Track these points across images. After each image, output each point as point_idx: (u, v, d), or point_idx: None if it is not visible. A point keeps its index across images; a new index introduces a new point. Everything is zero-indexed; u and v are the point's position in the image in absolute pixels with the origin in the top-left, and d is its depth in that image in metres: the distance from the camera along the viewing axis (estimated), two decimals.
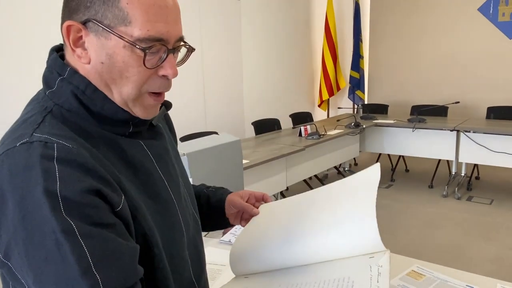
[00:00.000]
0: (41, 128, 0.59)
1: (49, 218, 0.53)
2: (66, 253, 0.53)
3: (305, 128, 3.88)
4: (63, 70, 0.64)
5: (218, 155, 1.76)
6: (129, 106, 0.66)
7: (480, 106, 5.15)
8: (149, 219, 0.66)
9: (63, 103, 0.63)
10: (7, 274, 0.59)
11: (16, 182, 0.54)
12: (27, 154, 0.56)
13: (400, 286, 1.18)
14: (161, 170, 0.73)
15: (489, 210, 3.83)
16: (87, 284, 0.53)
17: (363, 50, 6.19)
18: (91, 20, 0.60)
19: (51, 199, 0.53)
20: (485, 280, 1.21)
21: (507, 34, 5.20)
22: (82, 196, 0.55)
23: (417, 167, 5.23)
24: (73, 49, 0.63)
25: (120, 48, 0.61)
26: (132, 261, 0.60)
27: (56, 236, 0.53)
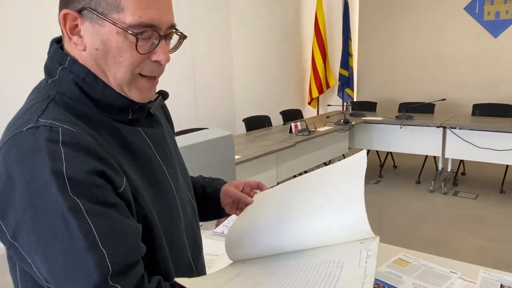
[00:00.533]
0: (45, 114, 0.62)
1: (57, 197, 0.56)
2: (74, 230, 0.56)
3: (295, 125, 3.93)
4: (63, 59, 0.67)
5: (210, 149, 1.79)
6: (124, 90, 0.68)
7: (465, 103, 5.26)
8: (149, 201, 0.69)
9: (65, 91, 0.66)
10: (14, 254, 0.62)
11: (24, 164, 0.57)
12: (33, 138, 0.58)
13: (387, 272, 1.23)
14: (159, 156, 0.76)
15: (474, 205, 3.93)
16: (93, 258, 0.56)
17: (352, 48, 6.26)
18: (86, 8, 0.62)
19: (58, 179, 0.56)
20: (468, 266, 1.27)
21: (492, 32, 5.31)
22: (87, 176, 0.58)
23: (404, 163, 5.32)
24: (69, 37, 0.65)
25: (114, 34, 0.63)
26: (135, 239, 0.63)
27: (63, 213, 0.56)
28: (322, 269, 0.74)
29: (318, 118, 5.16)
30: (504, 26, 5.22)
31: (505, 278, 1.18)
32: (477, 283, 1.16)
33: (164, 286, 0.64)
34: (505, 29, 5.22)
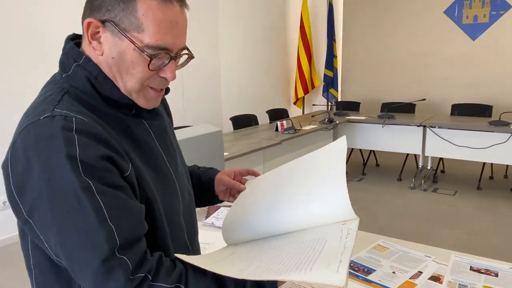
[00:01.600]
0: (60, 105, 0.69)
1: (71, 178, 0.63)
2: (86, 207, 0.63)
3: (281, 123, 4.02)
4: (78, 57, 0.74)
5: (200, 145, 1.84)
6: (132, 96, 0.76)
7: (445, 103, 5.45)
8: (152, 186, 0.76)
9: (78, 85, 0.73)
10: (29, 231, 0.69)
11: (42, 148, 0.64)
12: (50, 126, 0.65)
13: (367, 257, 1.32)
14: (160, 146, 0.83)
15: (453, 201, 4.09)
16: (103, 233, 0.63)
17: (336, 49, 6.39)
18: (109, 21, 0.69)
19: (72, 162, 0.63)
20: (441, 251, 1.37)
21: (471, 35, 5.51)
22: (97, 161, 0.65)
23: (387, 161, 5.48)
24: (90, 41, 0.72)
25: (130, 50, 0.70)
26: (140, 217, 0.70)
27: (77, 192, 0.63)
28: (307, 246, 0.83)
29: (303, 117, 5.27)
30: (481, 29, 5.42)
31: (474, 261, 1.28)
32: (449, 265, 1.26)
33: (165, 260, 0.70)
34: (483, 32, 5.42)
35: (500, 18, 5.28)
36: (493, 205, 3.93)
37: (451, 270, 1.23)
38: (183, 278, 0.68)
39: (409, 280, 1.18)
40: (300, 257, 0.77)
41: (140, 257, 0.66)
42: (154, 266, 0.67)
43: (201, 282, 0.69)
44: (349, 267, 1.25)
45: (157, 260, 0.68)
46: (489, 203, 3.97)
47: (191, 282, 0.69)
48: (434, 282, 1.17)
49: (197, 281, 0.69)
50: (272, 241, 0.92)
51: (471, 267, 1.24)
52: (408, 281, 1.18)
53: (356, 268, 1.25)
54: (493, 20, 5.33)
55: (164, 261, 0.70)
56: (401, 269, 1.24)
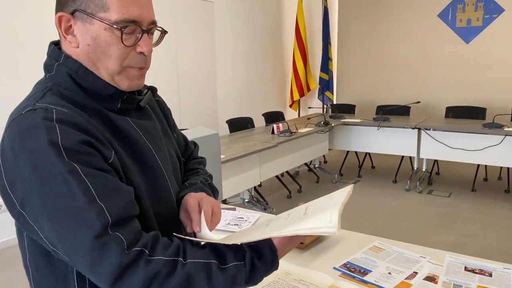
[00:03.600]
0: (42, 100, 0.71)
1: (56, 163, 0.64)
2: (74, 189, 0.64)
3: (277, 126, 4.04)
4: (59, 56, 0.76)
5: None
6: (115, 80, 0.77)
7: (439, 105, 5.49)
8: (137, 177, 0.77)
9: (60, 82, 0.75)
10: (23, 224, 0.69)
11: (25, 139, 0.66)
12: (32, 118, 0.67)
13: (363, 258, 1.34)
14: (148, 141, 0.83)
15: (447, 202, 4.12)
16: (94, 211, 0.64)
17: (331, 52, 6.43)
18: (77, 10, 0.72)
19: (55, 149, 0.65)
20: (436, 252, 1.39)
21: (464, 39, 5.57)
22: (79, 145, 0.66)
23: (382, 163, 5.51)
24: (64, 36, 0.75)
25: (102, 31, 0.73)
26: (130, 198, 0.71)
27: (64, 176, 0.64)
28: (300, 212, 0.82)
29: (299, 120, 5.29)
30: (475, 33, 5.48)
31: (469, 261, 1.30)
32: (444, 265, 1.27)
33: (161, 237, 0.70)
34: (476, 36, 5.48)
35: (493, 22, 5.34)
36: (487, 206, 3.97)
37: (446, 271, 1.24)
38: (181, 251, 0.69)
39: (405, 281, 1.19)
40: (294, 219, 0.78)
41: (135, 234, 0.67)
42: (150, 240, 0.67)
43: (199, 253, 0.70)
44: (345, 267, 1.27)
45: (153, 236, 0.69)
46: (484, 205, 4.01)
47: (189, 254, 0.69)
48: (429, 283, 1.18)
49: (194, 253, 0.69)
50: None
51: (465, 268, 1.26)
52: (404, 281, 1.19)
53: (352, 269, 1.27)
54: (486, 23, 5.39)
55: (161, 237, 0.70)
56: (397, 270, 1.26)
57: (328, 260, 1.32)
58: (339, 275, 1.23)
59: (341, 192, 0.86)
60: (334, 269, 1.27)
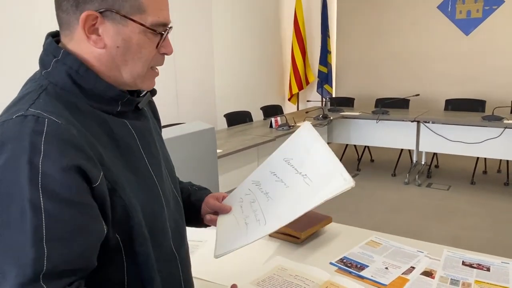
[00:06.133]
0: (36, 104, 0.65)
1: (23, 186, 0.59)
2: (26, 222, 0.58)
3: (275, 120, 4.01)
4: (57, 52, 0.71)
5: (192, 142, 1.83)
6: (137, 82, 0.75)
7: (439, 98, 5.46)
8: (129, 192, 0.72)
9: (57, 81, 0.70)
10: None
11: (5, 150, 0.60)
12: (20, 126, 0.62)
13: (360, 253, 1.32)
14: (143, 149, 0.79)
15: (446, 195, 4.11)
16: (33, 254, 0.58)
17: (330, 45, 6.38)
18: (109, 9, 0.67)
19: (31, 170, 0.59)
20: (434, 246, 1.37)
21: (464, 30, 5.52)
22: (60, 173, 0.60)
23: (381, 156, 5.49)
24: (88, 36, 0.69)
25: (136, 33, 0.70)
26: (87, 245, 0.64)
27: (23, 203, 0.58)
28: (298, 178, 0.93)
29: (297, 113, 5.26)
30: (475, 25, 5.44)
31: (466, 255, 1.29)
32: (441, 260, 1.26)
33: None
34: (476, 27, 5.43)
35: (493, 13, 5.29)
36: (486, 199, 3.96)
37: (444, 265, 1.23)
38: None
39: (402, 276, 1.18)
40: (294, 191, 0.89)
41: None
42: None
43: None
44: (342, 262, 1.25)
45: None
46: (483, 198, 4.00)
47: None
48: (426, 277, 1.17)
49: None
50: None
51: (463, 262, 1.24)
52: (401, 276, 1.18)
53: (349, 264, 1.25)
54: (486, 15, 5.34)
55: None
56: (394, 265, 1.24)
57: (325, 255, 1.31)
58: (336, 270, 1.22)
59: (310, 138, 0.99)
60: (330, 264, 1.26)
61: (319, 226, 1.45)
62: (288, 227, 1.38)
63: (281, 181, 0.95)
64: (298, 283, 1.13)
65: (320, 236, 1.45)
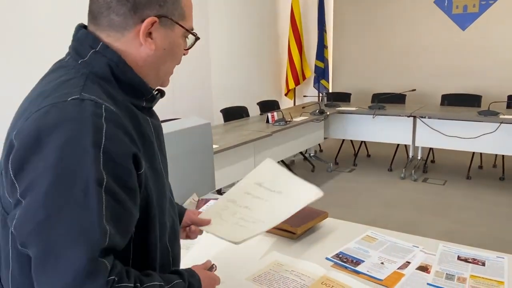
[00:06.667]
0: (85, 89, 0.67)
1: (89, 167, 0.61)
2: (92, 202, 0.61)
3: (272, 115, 4.00)
4: (95, 44, 0.73)
5: (188, 138, 1.81)
6: (165, 80, 0.84)
7: (435, 93, 5.46)
8: (151, 185, 0.76)
9: (97, 71, 0.72)
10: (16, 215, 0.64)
11: (65, 129, 0.61)
12: (79, 109, 0.63)
13: (356, 248, 1.32)
14: (157, 145, 0.83)
15: (442, 190, 4.13)
16: (100, 232, 0.61)
17: (327, 40, 6.37)
18: (164, 15, 0.75)
19: (95, 152, 0.61)
20: (429, 241, 1.38)
21: (460, 25, 5.52)
22: (120, 158, 0.64)
23: (377, 152, 5.50)
24: (143, 39, 0.74)
25: (178, 38, 0.79)
26: (131, 228, 0.70)
27: (87, 184, 0.61)
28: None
29: (294, 108, 5.26)
30: (471, 19, 5.44)
31: (462, 250, 1.29)
32: (437, 255, 1.27)
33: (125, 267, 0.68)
34: (473, 22, 5.43)
35: (490, 8, 5.29)
36: (482, 194, 3.98)
37: (439, 260, 1.23)
38: (137, 278, 0.68)
39: (397, 271, 1.18)
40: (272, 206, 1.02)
41: (115, 263, 0.65)
42: (120, 269, 0.66)
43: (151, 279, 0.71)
44: (338, 257, 1.25)
45: (122, 265, 0.68)
46: (478, 192, 4.02)
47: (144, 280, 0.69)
48: (422, 272, 1.17)
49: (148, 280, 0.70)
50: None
51: (458, 257, 1.25)
52: (396, 271, 1.18)
53: (344, 259, 1.25)
54: (483, 10, 5.34)
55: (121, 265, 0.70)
56: (389, 260, 1.24)
57: (321, 251, 1.31)
58: (331, 265, 1.22)
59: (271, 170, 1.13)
60: (326, 259, 1.25)
61: (315, 222, 1.45)
62: (284, 222, 1.39)
63: (258, 198, 1.05)
64: (294, 278, 1.13)
65: (316, 232, 1.45)
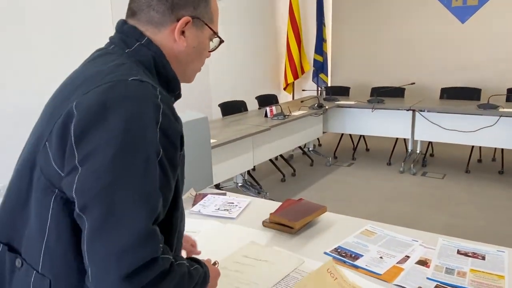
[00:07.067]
0: (140, 73, 0.74)
1: (150, 140, 0.67)
2: (151, 171, 0.67)
3: (270, 109, 3.98)
4: (141, 37, 0.81)
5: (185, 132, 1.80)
6: (192, 77, 0.92)
7: (434, 87, 5.43)
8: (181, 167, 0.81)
9: (143, 62, 0.79)
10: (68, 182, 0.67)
11: (129, 104, 0.67)
12: (141, 88, 0.70)
13: (355, 242, 1.31)
14: None
15: (441, 184, 4.12)
16: (157, 200, 0.67)
17: (326, 34, 6.33)
18: (197, 17, 0.83)
19: (154, 127, 0.68)
20: (429, 235, 1.36)
21: (460, 18, 5.48)
22: (172, 135, 0.71)
23: (376, 146, 5.49)
24: (177, 36, 0.82)
25: (206, 38, 0.87)
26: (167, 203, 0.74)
27: (148, 154, 0.66)
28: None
29: (293, 102, 5.23)
30: (471, 12, 5.40)
31: (461, 244, 1.28)
32: (436, 249, 1.25)
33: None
34: (472, 15, 5.39)
35: (489, 1, 5.25)
36: (481, 188, 3.97)
37: (439, 254, 1.22)
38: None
39: (396, 265, 1.17)
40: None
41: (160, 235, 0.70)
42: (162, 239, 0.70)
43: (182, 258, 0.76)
44: (336, 252, 1.24)
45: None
46: (478, 186, 4.01)
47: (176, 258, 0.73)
48: (421, 266, 1.16)
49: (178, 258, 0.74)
50: None
51: (458, 251, 1.24)
52: (395, 265, 1.17)
53: (343, 253, 1.24)
54: (482, 2, 5.30)
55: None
56: (389, 254, 1.23)
57: (319, 245, 1.30)
58: (330, 260, 1.21)
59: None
60: (324, 254, 1.24)
61: (313, 216, 1.44)
62: (283, 217, 1.38)
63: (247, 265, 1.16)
64: (295, 275, 1.12)
65: (315, 226, 1.44)
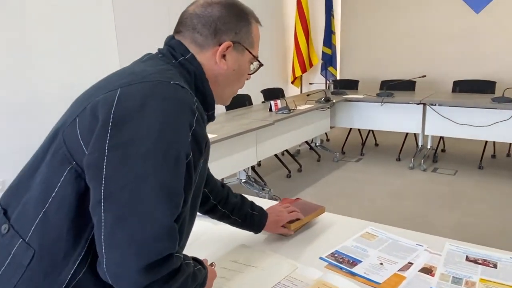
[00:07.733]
0: (181, 81, 0.79)
1: (182, 141, 0.72)
2: (180, 169, 0.71)
3: (275, 103, 3.87)
4: (186, 52, 0.86)
5: None
6: (228, 99, 0.96)
7: (446, 80, 5.26)
8: (199, 173, 0.85)
9: (185, 74, 0.84)
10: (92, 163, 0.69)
11: (169, 103, 0.72)
12: (181, 93, 0.75)
13: (354, 247, 1.21)
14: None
15: (453, 181, 3.97)
16: (180, 198, 0.71)
17: (334, 26, 6.18)
18: (238, 42, 0.88)
19: (188, 130, 0.73)
20: (435, 239, 1.25)
21: (474, 8, 5.29)
22: (200, 142, 0.76)
23: (386, 141, 5.35)
24: (218, 58, 0.87)
25: (246, 62, 0.92)
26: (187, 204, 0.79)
27: (179, 154, 0.71)
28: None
29: (299, 96, 5.12)
30: (485, 2, 5.20)
31: (471, 249, 1.17)
32: (443, 255, 1.14)
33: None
34: (487, 5, 5.19)
35: None
36: (495, 185, 3.81)
37: (445, 261, 1.11)
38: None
39: (398, 273, 1.07)
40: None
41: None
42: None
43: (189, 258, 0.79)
44: (333, 258, 1.14)
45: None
46: (491, 183, 3.85)
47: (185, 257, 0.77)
48: (425, 275, 1.05)
49: (185, 257, 0.77)
50: None
51: (467, 257, 1.12)
52: (397, 273, 1.06)
53: (340, 259, 1.14)
54: None
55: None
56: (390, 260, 1.13)
57: (315, 249, 1.20)
58: (325, 266, 1.11)
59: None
60: (320, 259, 1.14)
61: (310, 217, 1.34)
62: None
63: (234, 270, 1.09)
64: (286, 283, 1.03)
65: (312, 228, 1.34)
